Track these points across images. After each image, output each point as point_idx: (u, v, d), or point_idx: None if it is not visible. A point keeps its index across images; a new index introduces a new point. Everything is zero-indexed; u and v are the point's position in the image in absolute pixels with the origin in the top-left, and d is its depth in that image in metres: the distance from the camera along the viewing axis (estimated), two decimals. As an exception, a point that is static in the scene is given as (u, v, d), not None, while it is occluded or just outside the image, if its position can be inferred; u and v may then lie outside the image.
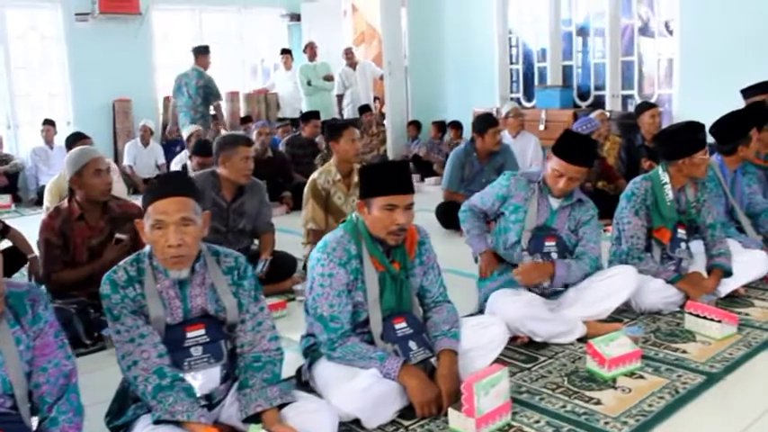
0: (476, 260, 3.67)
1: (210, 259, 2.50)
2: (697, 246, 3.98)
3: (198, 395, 2.39)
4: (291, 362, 2.98)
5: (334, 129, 4.61)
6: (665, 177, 3.79)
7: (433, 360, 2.75)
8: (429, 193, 7.62)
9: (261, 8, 11.81)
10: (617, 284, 3.40)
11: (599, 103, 8.26)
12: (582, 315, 3.36)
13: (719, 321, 3.25)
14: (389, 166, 2.77)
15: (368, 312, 2.74)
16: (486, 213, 3.66)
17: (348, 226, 2.80)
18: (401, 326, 2.77)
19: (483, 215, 3.68)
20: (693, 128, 3.86)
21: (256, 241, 4.60)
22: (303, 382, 2.87)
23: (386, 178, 2.68)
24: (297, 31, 11.93)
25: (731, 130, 4.30)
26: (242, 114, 10.94)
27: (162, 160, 9.57)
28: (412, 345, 2.74)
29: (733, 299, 3.84)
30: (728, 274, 3.80)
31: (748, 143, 4.27)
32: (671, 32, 7.53)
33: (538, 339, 3.23)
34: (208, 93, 8.44)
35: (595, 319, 3.39)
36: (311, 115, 8.31)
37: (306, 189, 4.68)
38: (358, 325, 2.77)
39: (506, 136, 7.39)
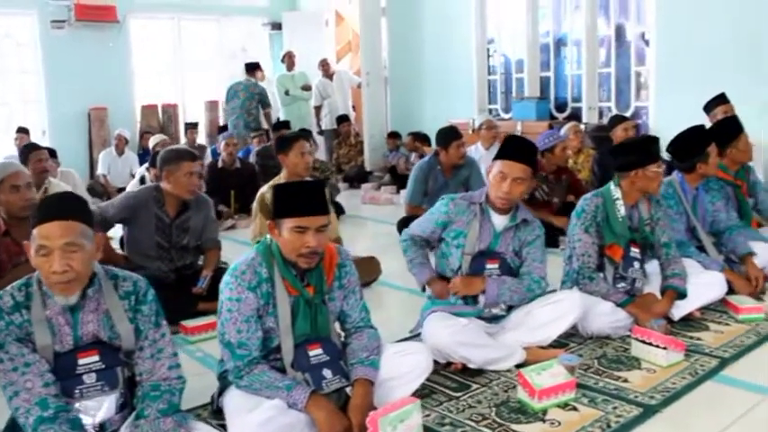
0: (422, 289, 3.47)
1: (107, 283, 2.36)
2: (653, 266, 3.83)
3: (95, 423, 2.28)
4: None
5: (284, 141, 4.46)
6: (617, 193, 3.65)
7: (349, 390, 2.58)
8: (403, 206, 7.45)
9: (241, 17, 11.70)
10: (561, 310, 3.21)
11: (576, 115, 8.12)
12: (523, 341, 3.19)
13: (665, 348, 3.09)
14: (301, 186, 2.62)
15: (280, 338, 2.59)
16: (428, 241, 3.47)
17: (261, 247, 2.65)
18: (316, 353, 2.61)
19: (425, 242, 3.48)
20: (648, 140, 3.76)
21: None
22: (216, 409, 2.72)
23: (296, 199, 2.52)
24: (278, 40, 11.80)
25: (688, 147, 4.16)
26: (221, 123, 10.79)
27: (137, 169, 9.42)
28: (326, 373, 2.58)
29: (688, 322, 3.68)
30: (683, 296, 3.65)
31: (706, 160, 4.12)
32: (647, 44, 7.38)
33: (472, 366, 3.05)
34: (262, 99, 9.61)
35: (537, 345, 3.22)
36: (281, 125, 8.15)
37: (254, 203, 4.54)
38: (271, 351, 2.61)
39: (479, 148, 7.30)
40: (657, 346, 3.11)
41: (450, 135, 5.54)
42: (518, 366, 3.07)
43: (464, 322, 3.08)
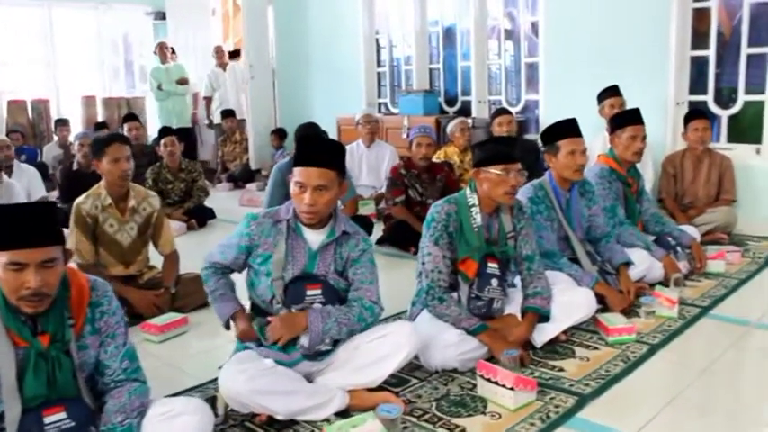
0: (226, 327, 2.83)
1: None
2: (519, 280, 3.37)
3: None
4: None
5: (97, 145, 3.84)
6: (473, 199, 3.17)
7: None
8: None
9: (121, 5, 10.86)
10: (391, 346, 2.67)
11: (466, 110, 7.67)
12: (348, 383, 2.64)
13: (512, 389, 2.61)
14: (14, 212, 1.99)
15: (4, 404, 1.99)
16: (233, 270, 2.87)
17: (-22, 288, 2.03)
18: (55, 419, 2.03)
19: (230, 270, 2.88)
20: (503, 140, 3.31)
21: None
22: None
23: (8, 228, 1.92)
24: (163, 30, 11.01)
25: (543, 139, 3.79)
26: (99, 119, 9.96)
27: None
28: (66, 447, 2.00)
29: (553, 346, 3.23)
30: (545, 318, 3.20)
31: (555, 153, 3.70)
32: (537, 35, 6.98)
33: (279, 417, 2.51)
34: None
35: (366, 387, 2.68)
36: (128, 118, 7.40)
37: (71, 216, 3.90)
38: (-7, 421, 2.02)
39: (360, 146, 6.81)
40: (504, 386, 2.63)
41: (301, 133, 4.96)
42: (338, 414, 2.56)
43: (267, 365, 2.53)
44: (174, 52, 9.90)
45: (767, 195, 5.54)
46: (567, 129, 3.71)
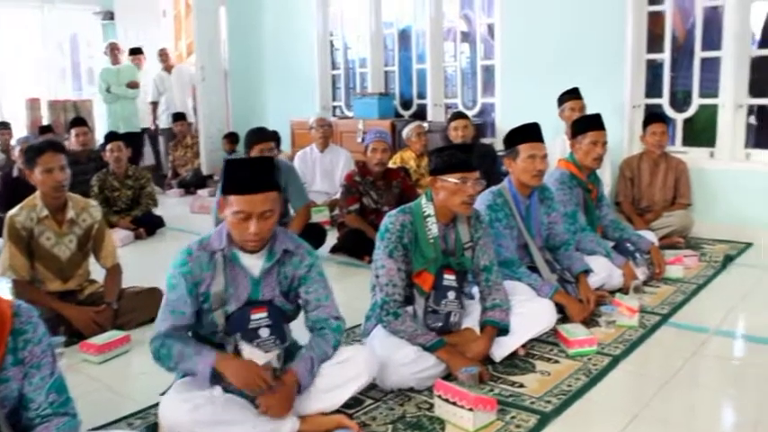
0: (214, 380, 2.47)
1: None
2: (477, 290, 3.27)
3: None
4: None
5: (29, 153, 3.62)
6: (429, 208, 3.04)
7: None
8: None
9: (68, 4, 10.52)
10: (351, 372, 2.54)
11: (422, 113, 7.56)
12: (301, 409, 2.49)
13: (471, 409, 2.48)
14: None
15: None
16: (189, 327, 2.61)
17: None
18: (-28, 462, 1.85)
19: (186, 329, 2.59)
20: (461, 147, 3.18)
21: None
22: None
23: None
24: (112, 31, 10.69)
25: (504, 144, 3.70)
26: (44, 123, 9.61)
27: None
28: (-16, 493, 1.82)
29: (513, 360, 3.12)
30: (505, 331, 3.09)
31: (515, 158, 3.61)
32: (493, 37, 6.89)
33: (225, 449, 2.35)
34: None
35: (320, 412, 2.53)
36: (75, 122, 7.10)
37: (4, 229, 3.68)
38: None
39: (314, 150, 6.67)
40: (462, 407, 2.51)
41: (250, 138, 4.73)
42: (289, 441, 2.41)
43: (214, 394, 2.36)
44: (141, 52, 9.58)
45: (721, 198, 5.54)
46: (528, 133, 3.62)
